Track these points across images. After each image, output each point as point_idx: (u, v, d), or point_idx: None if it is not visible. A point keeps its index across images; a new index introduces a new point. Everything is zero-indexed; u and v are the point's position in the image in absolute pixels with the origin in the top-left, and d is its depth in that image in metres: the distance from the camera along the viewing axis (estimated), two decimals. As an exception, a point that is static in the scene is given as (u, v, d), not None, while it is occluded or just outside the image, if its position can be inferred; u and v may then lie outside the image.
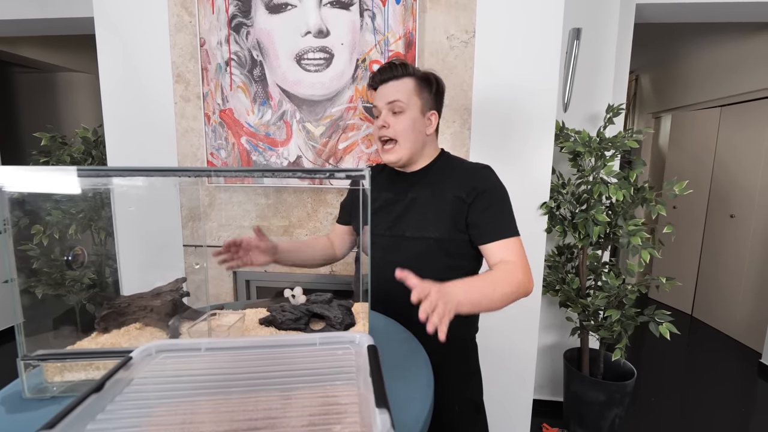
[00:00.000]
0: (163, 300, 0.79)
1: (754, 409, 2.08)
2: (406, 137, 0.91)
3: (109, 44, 1.50)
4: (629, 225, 1.38)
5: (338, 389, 0.49)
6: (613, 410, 1.45)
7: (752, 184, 2.70)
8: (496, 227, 0.88)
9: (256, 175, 0.57)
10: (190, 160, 1.51)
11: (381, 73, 0.92)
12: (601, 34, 1.78)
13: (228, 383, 0.51)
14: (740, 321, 2.75)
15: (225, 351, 0.58)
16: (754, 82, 2.63)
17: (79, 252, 0.71)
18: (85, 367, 0.63)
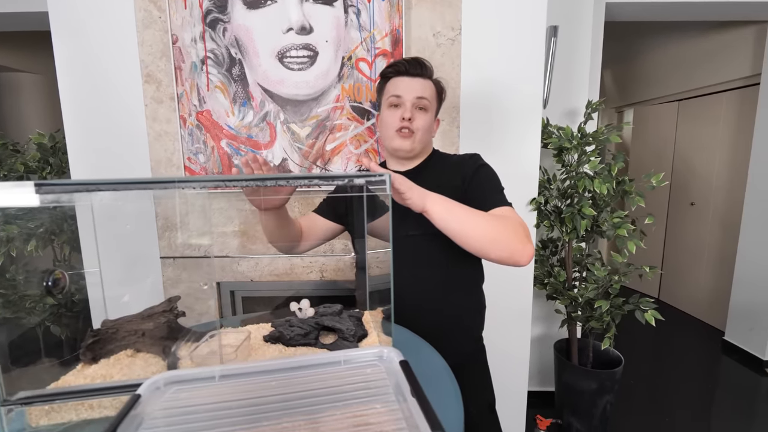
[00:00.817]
0: (157, 322, 0.72)
1: (722, 384, 2.22)
2: (424, 134, 0.94)
3: (67, 42, 1.37)
4: (614, 217, 1.42)
5: (376, 411, 0.45)
6: (605, 397, 1.50)
7: (709, 173, 2.88)
8: (488, 199, 0.88)
9: (269, 183, 0.52)
10: (164, 166, 1.41)
11: (410, 66, 0.92)
12: (575, 31, 1.83)
13: (250, 414, 0.47)
14: (703, 302, 2.94)
15: (241, 378, 0.53)
16: (709, 77, 2.80)
17: (60, 276, 0.63)
18: (76, 406, 0.56)
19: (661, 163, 3.27)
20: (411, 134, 0.92)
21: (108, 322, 0.73)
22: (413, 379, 0.47)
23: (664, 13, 2.05)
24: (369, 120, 1.34)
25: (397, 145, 0.93)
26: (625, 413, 1.88)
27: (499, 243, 0.78)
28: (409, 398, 0.44)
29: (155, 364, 0.67)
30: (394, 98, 0.93)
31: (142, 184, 0.57)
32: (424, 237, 0.91)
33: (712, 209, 2.87)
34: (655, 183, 1.46)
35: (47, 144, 1.65)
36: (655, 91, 3.34)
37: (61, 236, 1.57)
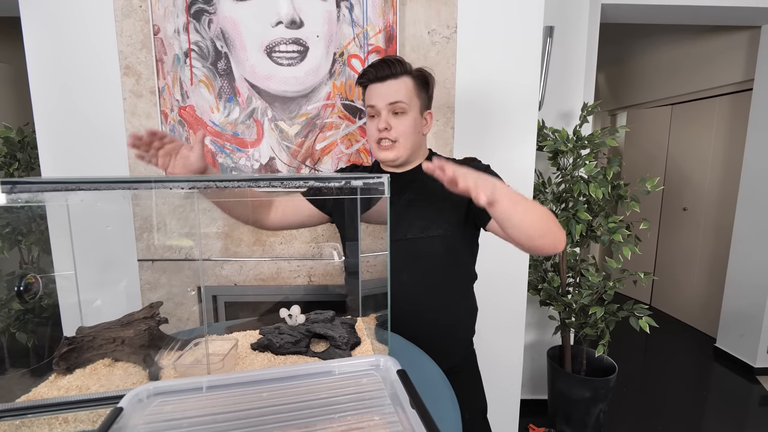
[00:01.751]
0: (137, 330, 0.70)
1: (714, 390, 2.28)
2: (407, 138, 0.91)
3: (38, 29, 1.33)
4: (609, 222, 1.45)
5: (373, 423, 0.45)
6: (598, 405, 1.52)
7: (702, 178, 2.97)
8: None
9: (262, 184, 0.52)
10: (143, 163, 1.38)
11: (377, 70, 0.89)
12: (571, 32, 1.86)
13: (240, 427, 0.46)
14: (695, 308, 3.02)
15: (230, 389, 0.52)
16: (702, 81, 2.89)
17: (32, 280, 0.61)
18: (49, 421, 0.54)
19: (654, 167, 3.35)
20: (392, 144, 0.91)
21: (84, 329, 0.71)
22: (412, 389, 0.47)
23: (659, 15, 2.10)
24: (361, 119, 1.34)
25: (381, 157, 0.93)
26: (618, 421, 1.92)
27: (549, 234, 0.76)
28: (408, 409, 0.45)
29: (136, 374, 0.66)
30: (370, 108, 0.92)
31: (126, 184, 0.56)
32: (418, 240, 0.91)
33: (704, 214, 2.95)
34: (650, 188, 1.50)
35: (15, 138, 1.60)
36: (649, 94, 3.43)
37: (29, 237, 1.53)
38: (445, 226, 0.91)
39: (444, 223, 0.91)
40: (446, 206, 0.92)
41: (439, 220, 0.92)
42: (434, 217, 0.92)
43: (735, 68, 2.63)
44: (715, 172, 2.87)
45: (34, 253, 1.56)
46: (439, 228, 0.91)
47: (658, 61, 3.30)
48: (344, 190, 0.64)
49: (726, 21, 2.26)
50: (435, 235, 0.91)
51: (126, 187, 0.57)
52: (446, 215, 0.92)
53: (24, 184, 0.52)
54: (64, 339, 0.67)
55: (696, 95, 2.98)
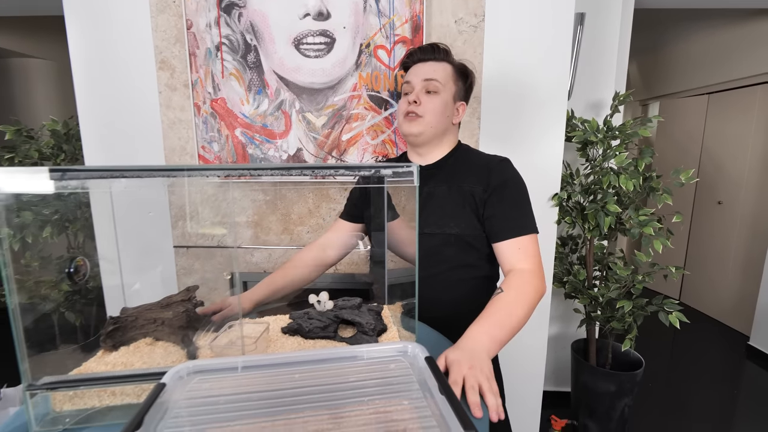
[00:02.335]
0: (175, 311, 0.73)
1: (745, 389, 2.18)
2: (434, 116, 0.90)
3: (80, 27, 1.38)
4: (640, 215, 1.40)
5: (402, 408, 0.46)
6: (623, 400, 1.48)
7: (739, 171, 2.80)
8: (511, 223, 0.86)
9: (294, 173, 0.52)
10: (178, 154, 1.42)
11: (422, 52, 0.92)
12: (603, 19, 1.78)
13: (273, 406, 0.47)
14: (727, 305, 2.88)
15: (264, 369, 0.53)
16: (742, 69, 2.71)
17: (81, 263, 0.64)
18: (99, 393, 0.57)
19: (687, 159, 3.20)
20: (418, 117, 0.90)
21: (127, 310, 0.75)
22: (440, 376, 0.47)
23: (696, 0, 1.98)
24: (386, 110, 1.34)
25: (405, 130, 0.93)
26: (642, 417, 1.87)
27: (531, 309, 0.81)
28: (437, 395, 0.45)
29: (175, 353, 0.68)
30: (406, 85, 0.94)
31: (165, 171, 0.58)
32: (441, 236, 0.90)
33: (740, 209, 2.80)
34: (684, 180, 1.43)
35: (61, 130, 1.68)
36: (683, 83, 3.25)
37: (75, 223, 1.61)
38: (461, 225, 0.89)
39: (461, 221, 0.89)
40: (464, 205, 0.89)
41: (455, 217, 0.89)
42: (451, 215, 0.89)
43: (779, 54, 2.46)
44: (753, 165, 2.71)
45: (79, 238, 1.64)
46: (455, 226, 0.89)
47: (693, 48, 3.12)
48: (373, 179, 0.64)
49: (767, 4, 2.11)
50: (450, 232, 0.89)
51: (165, 175, 0.58)
52: (463, 214, 0.89)
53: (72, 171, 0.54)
54: (110, 318, 0.71)
55: (734, 84, 2.81)
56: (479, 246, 0.92)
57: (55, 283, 1.63)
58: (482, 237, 0.91)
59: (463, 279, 0.92)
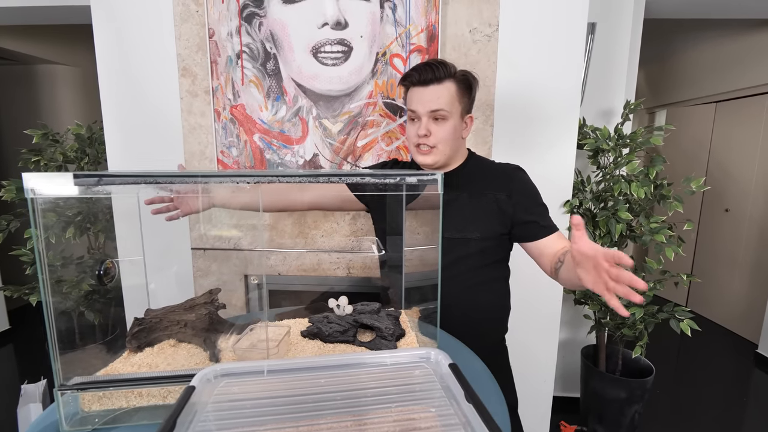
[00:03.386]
0: (198, 314, 0.73)
1: (754, 397, 2.13)
2: (446, 144, 0.90)
3: (107, 35, 1.40)
4: (651, 222, 1.37)
5: (429, 415, 0.45)
6: (634, 407, 1.45)
7: (747, 179, 2.76)
8: (546, 224, 0.90)
9: (321, 180, 0.52)
10: (198, 158, 1.43)
11: (421, 74, 0.87)
12: (613, 28, 1.77)
13: (299, 411, 0.47)
14: (736, 312, 2.82)
15: (288, 373, 0.53)
16: (750, 78, 2.67)
17: (110, 266, 0.65)
18: (126, 394, 0.57)
19: (695, 167, 3.15)
20: (430, 149, 0.89)
21: (151, 311, 0.74)
22: (466, 383, 0.46)
23: (706, 9, 1.96)
24: (401, 117, 1.33)
25: (419, 161, 0.92)
26: (651, 424, 1.83)
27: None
28: (464, 403, 0.44)
29: (197, 355, 0.68)
30: (410, 112, 0.91)
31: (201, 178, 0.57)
32: (453, 241, 0.90)
33: (748, 217, 2.75)
34: (695, 188, 1.41)
35: (84, 135, 1.70)
36: (691, 92, 3.21)
37: (96, 225, 1.62)
38: (482, 229, 0.90)
39: (482, 226, 0.90)
40: (487, 211, 0.91)
41: (476, 223, 0.90)
42: (473, 220, 0.90)
43: (788, 64, 2.42)
44: (761, 173, 2.66)
45: (100, 239, 1.66)
46: (476, 230, 0.90)
47: (701, 57, 3.08)
48: (393, 186, 0.63)
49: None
50: (471, 237, 0.90)
51: (201, 182, 0.58)
52: (485, 220, 0.90)
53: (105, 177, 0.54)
54: (135, 320, 0.71)
55: (742, 92, 2.77)
56: (497, 250, 0.94)
57: (75, 282, 1.65)
58: (501, 242, 0.93)
59: (481, 281, 0.93)
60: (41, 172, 0.46)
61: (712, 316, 3.01)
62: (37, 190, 0.49)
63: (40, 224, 0.51)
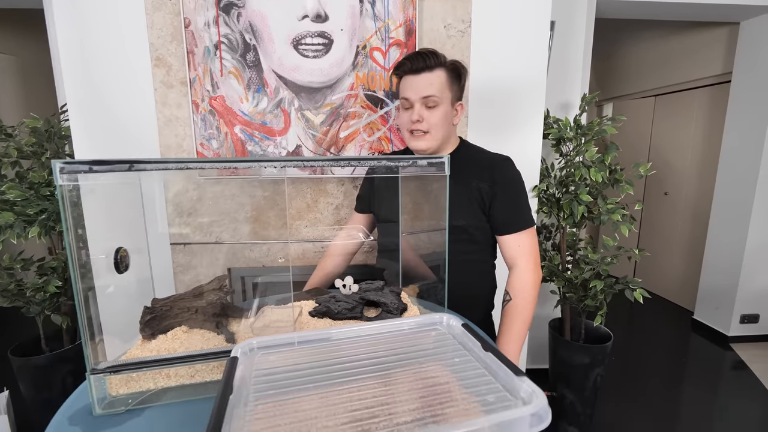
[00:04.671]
0: (209, 300, 0.75)
1: (691, 357, 2.43)
2: (438, 129, 0.95)
3: (67, 23, 1.33)
4: (608, 204, 1.53)
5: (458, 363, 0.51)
6: (596, 370, 1.62)
7: (682, 165, 3.08)
8: (515, 219, 0.96)
9: (325, 164, 0.56)
10: (174, 151, 1.40)
11: (413, 62, 0.92)
12: (570, 27, 1.91)
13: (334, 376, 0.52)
14: (675, 285, 3.16)
15: (316, 343, 0.57)
16: (684, 73, 2.98)
17: (125, 253, 0.65)
18: (154, 376, 0.59)
19: (638, 154, 3.46)
20: (424, 134, 0.95)
21: (158, 300, 0.75)
22: (480, 337, 0.53)
23: (649, 11, 2.17)
24: (382, 108, 1.38)
25: (413, 146, 0.98)
26: (609, 385, 2.04)
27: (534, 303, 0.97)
28: (481, 353, 0.51)
29: (213, 339, 0.70)
30: (404, 100, 0.96)
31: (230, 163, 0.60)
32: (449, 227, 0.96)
33: (684, 199, 3.08)
34: (643, 172, 1.58)
35: (42, 128, 1.59)
36: (634, 86, 3.51)
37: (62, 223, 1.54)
38: (467, 217, 0.95)
39: (467, 214, 0.96)
40: (471, 199, 0.96)
41: (461, 210, 0.95)
42: (458, 208, 0.95)
43: (715, 62, 2.73)
44: (694, 160, 2.98)
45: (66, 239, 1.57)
46: (462, 218, 0.95)
47: (642, 54, 3.38)
48: (388, 170, 0.69)
49: (707, 17, 2.34)
50: (457, 224, 0.95)
51: (230, 167, 0.60)
52: (470, 207, 0.96)
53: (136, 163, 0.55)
54: (145, 308, 0.72)
55: (678, 87, 3.08)
56: (482, 237, 1.00)
57: (40, 285, 1.56)
58: (485, 229, 0.99)
59: (468, 263, 0.99)
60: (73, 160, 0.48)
61: (654, 289, 3.35)
62: (68, 177, 0.50)
63: (69, 214, 0.52)
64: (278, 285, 1.57)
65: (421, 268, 0.86)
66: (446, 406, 0.44)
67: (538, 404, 0.39)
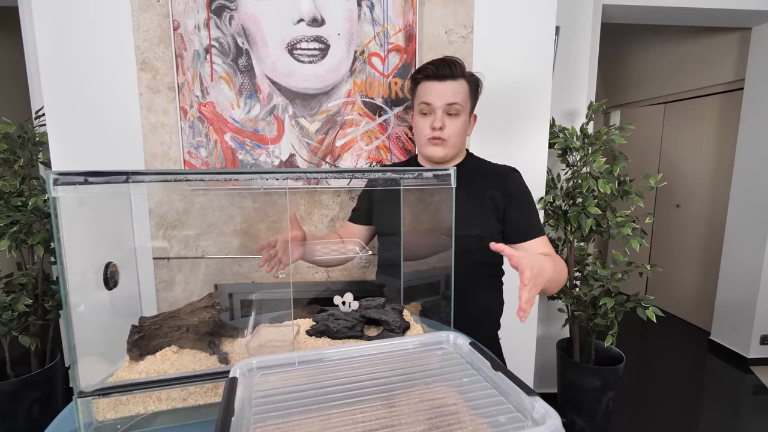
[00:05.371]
0: (201, 318, 0.76)
1: (708, 380, 2.45)
2: (457, 138, 1.00)
3: (45, 22, 1.36)
4: (617, 216, 1.57)
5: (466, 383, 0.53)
6: (608, 393, 1.64)
7: (694, 176, 3.16)
8: (532, 227, 1.01)
9: (334, 175, 0.59)
10: (160, 159, 1.42)
11: (438, 69, 0.96)
12: (575, 32, 1.99)
13: (340, 394, 0.53)
14: (689, 303, 3.21)
15: (317, 363, 0.59)
16: (695, 80, 3.08)
17: (114, 269, 0.67)
18: (144, 399, 0.60)
19: (647, 164, 3.54)
20: (443, 142, 0.99)
21: (146, 319, 0.77)
22: (490, 355, 0.55)
23: (657, 16, 2.26)
24: (381, 116, 1.42)
25: (430, 153, 1.01)
26: (622, 410, 2.06)
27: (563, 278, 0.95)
28: (491, 372, 0.53)
29: (204, 359, 0.72)
30: (424, 105, 0.99)
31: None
32: (462, 237, 0.98)
33: (697, 211, 3.15)
34: (654, 183, 1.63)
35: (15, 134, 1.61)
36: (642, 93, 3.62)
37: (35, 236, 1.54)
38: (482, 227, 0.99)
39: (481, 223, 0.99)
40: (484, 208, 1.00)
41: (475, 220, 0.99)
42: (472, 217, 0.99)
43: (726, 68, 2.82)
44: (707, 170, 3.06)
45: (39, 252, 1.58)
46: (476, 227, 0.99)
47: (651, 60, 3.49)
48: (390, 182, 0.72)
49: (718, 23, 2.44)
50: (471, 234, 0.98)
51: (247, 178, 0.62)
52: (484, 217, 1.00)
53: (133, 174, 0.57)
54: (133, 327, 0.73)
55: (688, 94, 3.17)
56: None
57: (8, 304, 1.55)
58: (497, 238, 1.03)
59: (481, 276, 1.03)
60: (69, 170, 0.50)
61: (668, 307, 3.39)
62: (62, 189, 0.52)
63: (61, 225, 0.54)
64: (270, 302, 1.58)
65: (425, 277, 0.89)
66: (455, 428, 0.46)
67: (552, 425, 0.41)
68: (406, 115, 1.43)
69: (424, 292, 0.94)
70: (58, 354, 1.77)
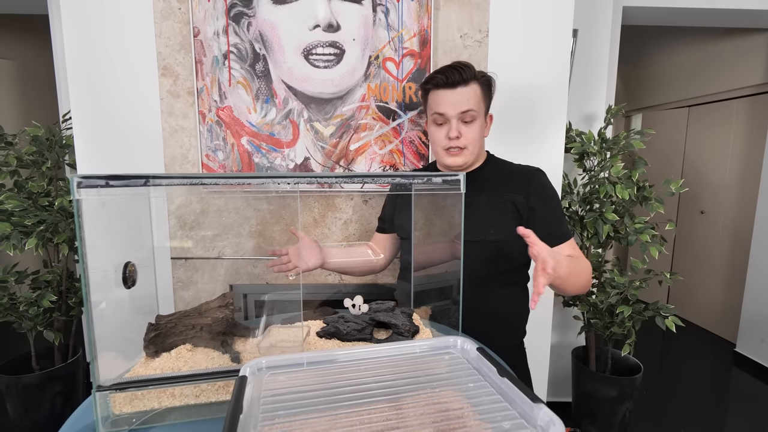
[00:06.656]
0: (214, 317, 0.78)
1: (733, 394, 2.37)
2: (475, 144, 0.99)
3: (74, 29, 1.41)
4: (636, 223, 1.54)
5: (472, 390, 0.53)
6: (625, 405, 1.61)
7: (719, 181, 3.07)
8: (561, 231, 0.98)
9: (356, 180, 0.60)
10: (179, 162, 1.47)
11: (447, 76, 0.95)
12: (594, 35, 1.96)
13: (348, 395, 0.54)
14: (713, 313, 3.11)
15: (326, 365, 0.60)
16: (720, 83, 3.00)
17: (133, 268, 0.70)
18: (158, 395, 0.62)
19: (670, 170, 3.46)
20: (461, 151, 0.98)
21: (163, 317, 0.79)
22: (496, 362, 0.55)
23: (679, 18, 2.21)
24: (394, 120, 1.43)
25: (449, 163, 1.01)
26: (640, 421, 2.00)
27: (585, 288, 0.96)
28: (497, 378, 0.53)
29: (217, 358, 0.74)
30: (437, 116, 0.98)
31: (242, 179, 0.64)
32: (474, 244, 0.97)
33: (722, 218, 3.05)
34: (675, 189, 1.59)
35: (43, 137, 1.68)
36: (665, 96, 3.54)
37: (61, 235, 1.60)
38: (502, 232, 0.97)
39: (502, 228, 0.97)
40: (506, 213, 0.98)
41: (496, 225, 0.98)
42: (492, 222, 0.97)
43: (753, 71, 2.74)
44: (733, 176, 2.97)
45: (63, 251, 1.64)
46: (496, 233, 0.97)
47: (674, 63, 3.41)
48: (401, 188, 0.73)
49: (744, 23, 2.37)
50: (491, 239, 0.97)
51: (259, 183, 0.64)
52: (505, 221, 0.98)
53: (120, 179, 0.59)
54: (150, 325, 0.76)
55: (713, 97, 3.09)
56: (517, 253, 1.00)
57: (33, 299, 1.62)
58: (520, 243, 1.01)
59: (501, 284, 1.01)
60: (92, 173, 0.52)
61: (690, 317, 3.29)
62: (85, 192, 0.54)
63: (84, 225, 0.57)
64: (283, 303, 1.60)
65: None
66: (459, 433, 0.46)
67: (555, 432, 0.41)
68: (420, 120, 1.44)
69: (435, 297, 0.95)
70: (80, 349, 1.84)
